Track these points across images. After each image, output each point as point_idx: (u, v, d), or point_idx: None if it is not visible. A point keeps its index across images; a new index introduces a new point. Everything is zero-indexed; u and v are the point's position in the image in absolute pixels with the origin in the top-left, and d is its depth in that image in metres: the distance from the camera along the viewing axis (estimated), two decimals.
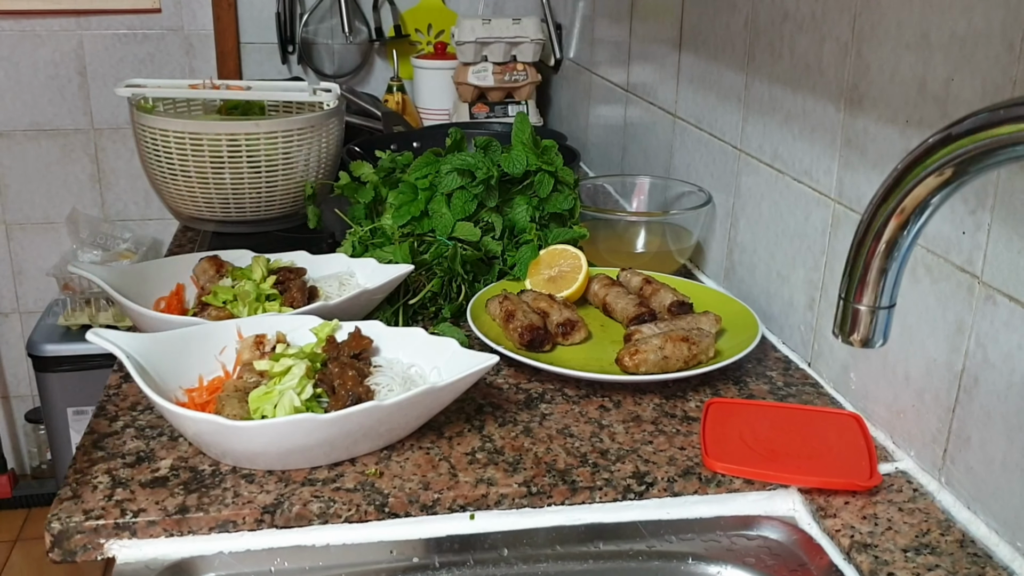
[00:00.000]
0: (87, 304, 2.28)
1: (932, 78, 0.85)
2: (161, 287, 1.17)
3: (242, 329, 1.00)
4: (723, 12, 1.30)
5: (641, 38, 1.66)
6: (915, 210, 0.60)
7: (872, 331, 0.65)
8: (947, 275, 0.85)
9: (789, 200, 1.13)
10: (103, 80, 2.41)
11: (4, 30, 2.34)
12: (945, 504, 0.85)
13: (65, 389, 2.26)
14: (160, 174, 1.52)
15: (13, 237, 2.52)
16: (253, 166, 1.49)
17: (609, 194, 1.54)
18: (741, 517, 0.88)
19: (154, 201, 2.45)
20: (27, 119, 2.42)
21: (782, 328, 1.16)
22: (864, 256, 0.63)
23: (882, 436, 0.95)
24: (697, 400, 1.02)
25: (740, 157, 1.27)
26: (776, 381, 1.07)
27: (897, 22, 0.90)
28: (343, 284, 1.20)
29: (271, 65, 2.44)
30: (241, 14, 2.40)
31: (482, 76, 2.14)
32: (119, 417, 0.96)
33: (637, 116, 1.68)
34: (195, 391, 0.95)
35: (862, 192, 0.98)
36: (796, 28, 1.09)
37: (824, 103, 1.04)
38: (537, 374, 1.06)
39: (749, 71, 1.22)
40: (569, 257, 1.24)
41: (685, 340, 1.04)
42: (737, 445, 0.92)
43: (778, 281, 1.17)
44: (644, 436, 0.95)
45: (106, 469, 0.87)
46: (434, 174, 1.30)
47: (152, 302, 1.14)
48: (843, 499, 0.85)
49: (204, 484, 0.85)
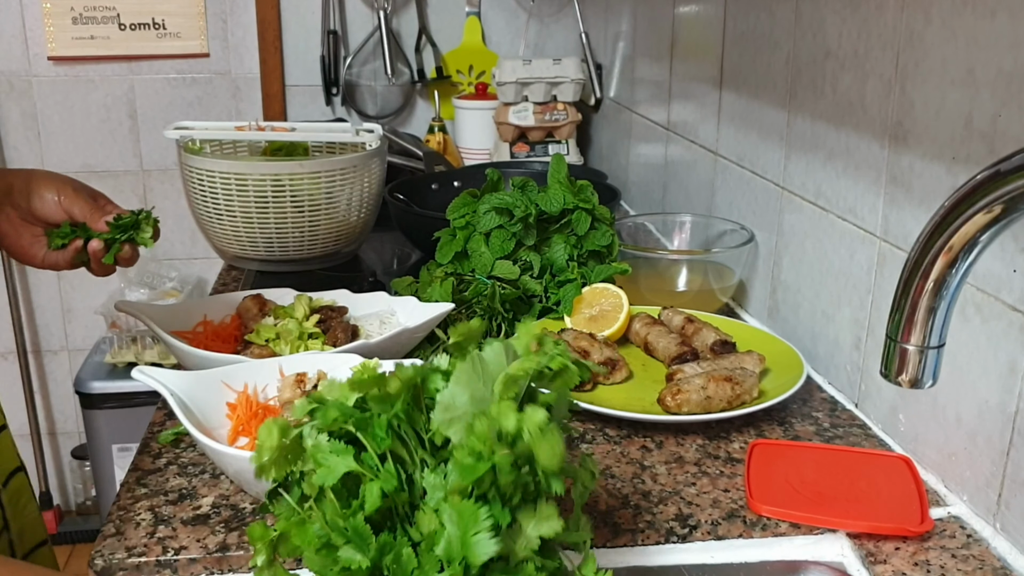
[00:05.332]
0: (133, 342, 2.31)
1: (979, 114, 0.84)
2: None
3: (284, 367, 1.00)
4: (764, 51, 1.29)
5: (681, 77, 1.66)
6: (963, 248, 0.59)
7: (921, 371, 0.63)
8: (998, 314, 0.83)
9: (833, 238, 1.12)
10: (152, 123, 2.47)
11: (59, 75, 2.42)
12: (1001, 551, 0.82)
13: (111, 426, 2.29)
14: (206, 214, 1.54)
15: (63, 276, 2.58)
16: (296, 206, 1.51)
17: (650, 232, 1.53)
18: (788, 562, 0.85)
19: (200, 240, 2.49)
20: (79, 161, 2.49)
21: (828, 368, 1.14)
22: (911, 295, 0.61)
23: (933, 479, 0.93)
24: (741, 441, 1.01)
25: (783, 195, 1.26)
26: (822, 422, 1.05)
27: (942, 58, 0.89)
28: (384, 323, 1.20)
29: (315, 107, 2.48)
30: (286, 57, 2.45)
31: (523, 116, 2.16)
32: (162, 454, 0.97)
33: (678, 154, 1.68)
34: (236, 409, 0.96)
35: (908, 230, 0.97)
36: (838, 66, 1.09)
37: (868, 140, 1.03)
38: (578, 414, 1.06)
39: (791, 108, 1.22)
40: (610, 296, 1.24)
41: (728, 380, 1.02)
42: (783, 488, 0.90)
43: (823, 320, 1.15)
44: (687, 478, 0.93)
45: (149, 506, 0.87)
46: (471, 214, 1.30)
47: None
48: (893, 545, 0.83)
49: (245, 522, 0.85)
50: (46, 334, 2.64)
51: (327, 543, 0.59)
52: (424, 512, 0.58)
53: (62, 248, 1.03)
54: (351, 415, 0.61)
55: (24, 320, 2.60)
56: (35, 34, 2.38)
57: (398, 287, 1.33)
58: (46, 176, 1.02)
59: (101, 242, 1.03)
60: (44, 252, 1.04)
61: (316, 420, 0.62)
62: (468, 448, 0.57)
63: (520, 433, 0.57)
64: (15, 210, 1.01)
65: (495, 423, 0.58)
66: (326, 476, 0.59)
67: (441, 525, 0.57)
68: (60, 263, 1.04)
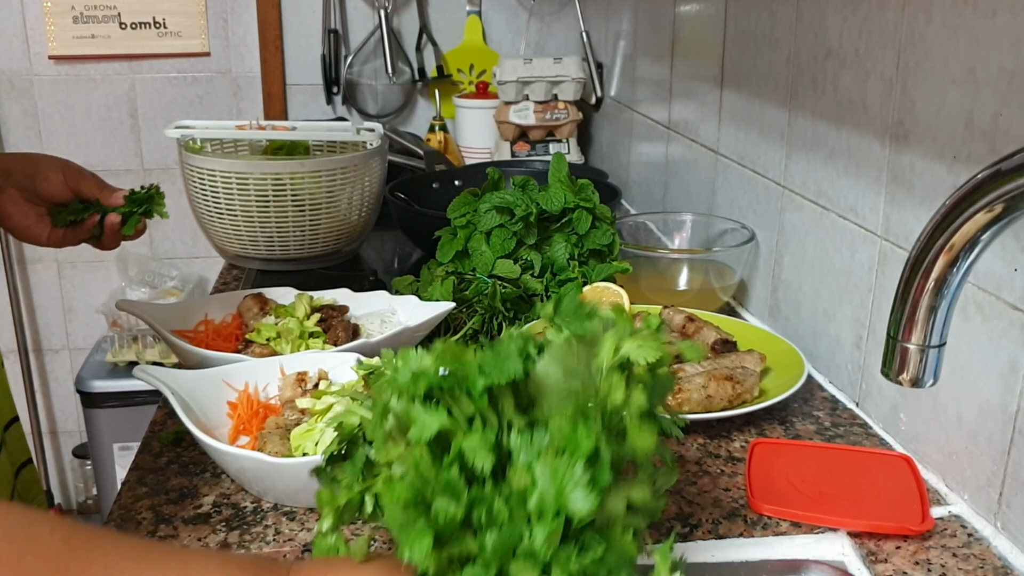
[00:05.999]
0: (134, 341, 2.31)
1: (980, 113, 0.84)
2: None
3: (285, 366, 1.00)
4: (765, 50, 1.29)
5: (682, 76, 1.66)
6: (964, 247, 0.59)
7: (922, 370, 0.63)
8: (999, 313, 0.83)
9: (835, 237, 1.12)
10: (153, 122, 2.47)
11: (60, 75, 2.42)
12: (1002, 550, 0.82)
13: (112, 425, 2.29)
14: (207, 213, 1.54)
15: (64, 275, 2.58)
16: (297, 205, 1.51)
17: (651, 231, 1.53)
18: (789, 561, 0.85)
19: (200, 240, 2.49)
20: (80, 160, 2.44)
21: (828, 367, 1.14)
22: (912, 294, 0.61)
23: (934, 479, 0.93)
24: (742, 440, 1.01)
25: (784, 194, 1.25)
26: (823, 421, 1.05)
27: (943, 57, 0.89)
28: (385, 322, 1.20)
29: (316, 106, 2.48)
30: (287, 56, 2.45)
31: (523, 115, 2.16)
32: (163, 453, 0.97)
33: (679, 153, 1.68)
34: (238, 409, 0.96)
35: (909, 229, 0.97)
36: (839, 65, 1.09)
37: (869, 139, 1.03)
38: None
39: (792, 108, 1.22)
40: (611, 295, 1.24)
41: (729, 379, 1.02)
42: (784, 487, 0.90)
43: (824, 319, 1.15)
44: (688, 477, 0.93)
45: (150, 505, 0.87)
46: (471, 213, 1.30)
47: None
48: (894, 544, 0.83)
49: (246, 521, 0.85)
50: (47, 333, 2.64)
51: (417, 500, 0.58)
52: (515, 470, 0.58)
53: (72, 225, 1.06)
54: (439, 381, 0.62)
55: (25, 319, 2.60)
56: (36, 33, 2.38)
57: (399, 286, 1.33)
58: (48, 158, 1.06)
59: (119, 215, 1.07)
60: (49, 230, 1.06)
61: (401, 382, 0.62)
62: (568, 416, 0.58)
63: (620, 409, 0.60)
64: (18, 191, 1.04)
65: (603, 395, 0.60)
66: (422, 430, 0.59)
67: (533, 483, 0.57)
68: (68, 239, 1.08)
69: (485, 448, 0.59)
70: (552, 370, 0.61)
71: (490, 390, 0.60)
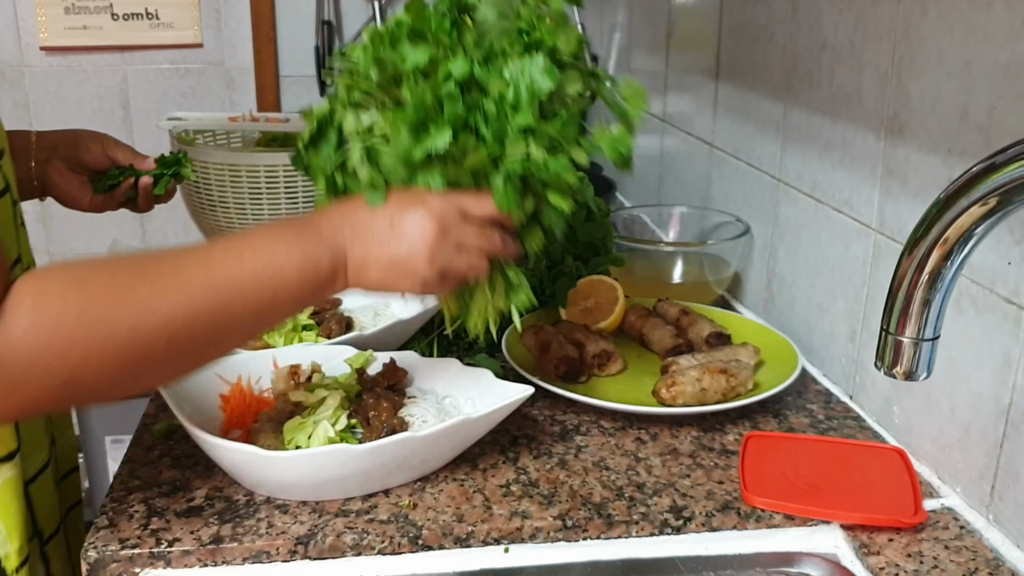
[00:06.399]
0: None
1: (975, 107, 0.83)
2: None
3: (277, 359, 1.00)
4: (760, 42, 1.29)
5: (677, 68, 1.65)
6: (958, 240, 0.59)
7: (915, 363, 0.63)
8: (992, 306, 0.83)
9: (829, 230, 1.12)
10: (146, 114, 2.46)
11: (51, 66, 2.40)
12: (993, 542, 0.82)
13: (104, 418, 2.28)
14: (200, 205, 1.54)
15: None
16: (291, 197, 1.51)
17: (646, 224, 1.53)
18: (781, 553, 0.85)
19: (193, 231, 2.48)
20: None
21: (823, 360, 1.14)
22: (906, 287, 0.61)
23: (927, 471, 0.93)
24: (736, 433, 1.01)
25: (779, 187, 1.25)
26: (817, 414, 1.05)
27: (938, 51, 0.89)
28: (378, 314, 1.20)
29: (310, 97, 2.47)
30: (280, 48, 2.44)
31: None
32: (156, 446, 0.97)
33: (674, 146, 1.68)
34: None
35: (904, 222, 0.97)
36: (835, 58, 1.08)
37: (864, 132, 1.03)
38: (573, 406, 1.05)
39: (787, 100, 1.22)
40: (605, 288, 1.23)
41: (723, 372, 1.02)
42: (777, 479, 0.90)
43: (818, 312, 1.15)
44: (681, 469, 0.93)
45: (142, 498, 0.87)
46: None
47: None
48: (887, 536, 0.83)
49: (238, 514, 0.85)
50: None
51: (423, 119, 0.77)
52: (492, 81, 0.78)
53: (110, 189, 1.18)
54: (416, 24, 0.80)
55: None
56: (27, 24, 2.36)
57: None
58: (87, 132, 1.19)
59: (151, 178, 1.19)
60: (91, 197, 1.18)
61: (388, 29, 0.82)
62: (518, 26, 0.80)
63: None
64: (63, 162, 1.15)
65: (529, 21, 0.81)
66: (416, 58, 0.77)
67: (507, 84, 0.78)
68: (107, 204, 1.20)
69: (467, 67, 0.78)
70: (489, 14, 0.80)
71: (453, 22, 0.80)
